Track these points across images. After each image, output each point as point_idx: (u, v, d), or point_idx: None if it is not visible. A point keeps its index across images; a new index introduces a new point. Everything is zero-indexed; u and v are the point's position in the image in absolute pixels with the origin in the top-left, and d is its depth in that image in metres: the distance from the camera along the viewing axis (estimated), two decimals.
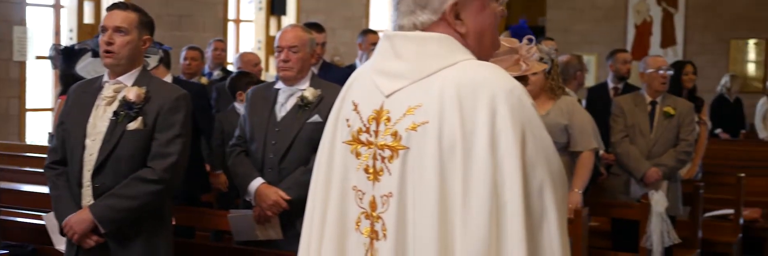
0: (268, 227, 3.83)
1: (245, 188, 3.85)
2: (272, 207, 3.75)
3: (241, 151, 3.97)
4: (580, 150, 4.51)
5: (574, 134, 4.50)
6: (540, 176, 1.80)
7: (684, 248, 5.18)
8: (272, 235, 3.83)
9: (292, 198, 3.72)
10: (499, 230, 1.76)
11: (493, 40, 1.96)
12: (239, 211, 4.00)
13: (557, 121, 4.49)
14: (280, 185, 3.78)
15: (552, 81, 4.53)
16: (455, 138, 1.79)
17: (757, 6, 13.16)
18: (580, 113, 4.56)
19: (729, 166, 7.12)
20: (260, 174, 3.84)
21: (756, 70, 13.29)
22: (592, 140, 4.54)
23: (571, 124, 4.49)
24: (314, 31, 5.08)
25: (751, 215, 6.27)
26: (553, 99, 4.55)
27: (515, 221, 1.76)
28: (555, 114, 4.51)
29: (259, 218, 3.82)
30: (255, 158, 3.90)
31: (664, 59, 5.55)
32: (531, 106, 1.83)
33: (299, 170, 3.78)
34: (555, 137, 4.45)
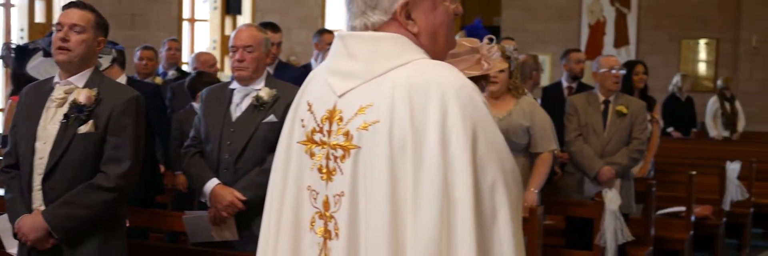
0: (224, 228, 3.81)
1: (200, 189, 3.83)
2: (228, 208, 3.73)
3: (196, 152, 3.95)
4: (541, 152, 4.55)
5: (535, 136, 4.54)
6: (492, 175, 1.80)
7: (637, 245, 5.24)
8: (228, 236, 3.81)
9: (248, 199, 3.71)
10: (449, 229, 1.77)
11: (447, 39, 1.97)
12: (194, 212, 3.97)
13: (519, 122, 4.52)
14: (236, 186, 3.76)
15: (516, 79, 4.57)
16: (406, 137, 1.79)
17: (708, 6, 13.37)
18: (540, 114, 4.60)
19: (680, 164, 7.22)
20: (215, 175, 3.82)
21: (707, 70, 13.49)
22: (552, 142, 4.58)
23: (532, 125, 4.53)
24: (269, 30, 5.07)
25: (702, 212, 6.36)
26: (515, 99, 4.58)
27: (465, 220, 1.77)
28: (517, 115, 4.54)
29: (215, 218, 3.79)
30: (210, 158, 3.87)
31: (616, 59, 5.62)
32: (482, 104, 1.84)
33: (255, 171, 3.76)
34: (517, 137, 4.50)
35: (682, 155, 8.28)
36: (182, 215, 3.99)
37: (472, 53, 3.66)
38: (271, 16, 10.46)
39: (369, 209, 1.82)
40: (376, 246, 1.80)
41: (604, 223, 4.68)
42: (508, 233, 1.81)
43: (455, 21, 2.01)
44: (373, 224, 1.81)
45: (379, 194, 1.80)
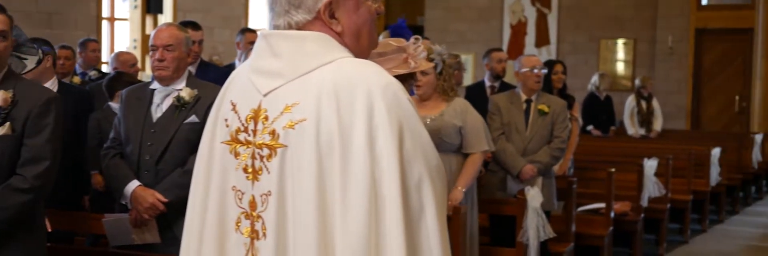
0: (145, 230, 3.75)
1: (121, 191, 3.76)
2: (149, 210, 3.68)
3: (117, 153, 3.88)
4: (474, 152, 4.59)
5: (468, 136, 4.58)
6: (418, 172, 1.81)
7: (558, 241, 5.32)
8: (149, 238, 3.75)
9: (170, 200, 3.66)
10: (378, 226, 1.78)
11: (370, 39, 1.98)
12: (115, 214, 3.90)
13: (452, 122, 4.55)
14: (157, 188, 3.70)
15: (444, 82, 4.59)
16: (333, 135, 1.80)
17: (626, 7, 13.67)
18: (472, 115, 4.64)
19: (600, 161, 7.36)
20: (136, 176, 3.76)
21: (625, 69, 13.79)
22: (484, 142, 4.63)
23: (465, 125, 4.57)
24: (190, 29, 5.01)
25: (621, 208, 6.48)
26: (446, 100, 4.61)
27: (394, 217, 1.78)
28: (449, 115, 4.57)
29: (136, 221, 3.73)
30: (131, 160, 3.81)
31: (537, 58, 5.70)
32: (408, 102, 1.85)
33: (177, 172, 3.71)
34: (449, 138, 4.53)
35: (601, 153, 8.45)
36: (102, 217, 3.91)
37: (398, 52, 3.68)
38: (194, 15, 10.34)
39: (297, 207, 1.82)
40: (305, 245, 1.79)
41: (526, 220, 4.74)
42: (435, 229, 1.82)
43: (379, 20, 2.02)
44: (301, 223, 1.81)
45: (306, 192, 1.80)
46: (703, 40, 13.21)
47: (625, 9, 13.68)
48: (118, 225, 3.80)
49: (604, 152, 8.63)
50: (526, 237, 4.74)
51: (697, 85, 13.28)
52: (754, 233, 8.18)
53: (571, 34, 14.06)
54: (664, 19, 13.33)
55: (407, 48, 3.69)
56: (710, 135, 11.62)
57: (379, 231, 1.78)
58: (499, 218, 5.22)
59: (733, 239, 7.82)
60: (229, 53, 10.88)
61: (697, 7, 13.19)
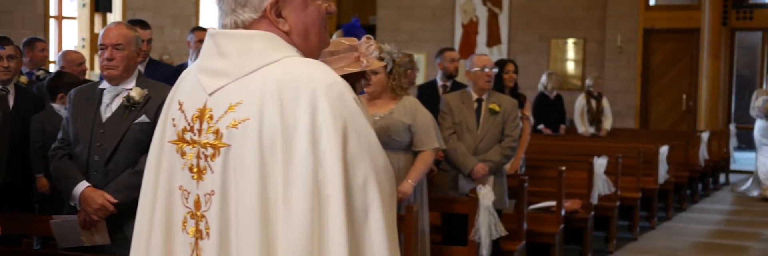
0: (94, 231, 3.70)
1: (69, 192, 3.71)
2: (98, 211, 3.63)
3: (65, 154, 3.82)
4: (424, 149, 4.61)
5: (418, 134, 4.60)
6: (363, 171, 1.81)
7: (510, 239, 5.36)
8: (98, 240, 3.71)
9: (120, 201, 3.62)
10: (320, 226, 1.77)
11: (319, 38, 1.97)
12: (63, 216, 3.84)
13: (401, 120, 4.57)
14: (107, 188, 3.66)
15: (393, 81, 4.61)
16: (275, 134, 1.79)
17: (575, 7, 13.82)
18: (422, 113, 4.66)
19: (551, 160, 7.43)
20: (85, 177, 3.71)
21: (575, 69, 13.94)
22: (435, 140, 4.65)
23: (414, 123, 4.59)
24: (139, 27, 4.95)
25: (572, 206, 6.55)
26: (395, 99, 4.63)
27: (336, 217, 1.77)
28: (399, 113, 4.59)
29: (85, 222, 3.68)
30: (79, 160, 3.76)
31: (488, 58, 5.73)
32: (353, 101, 1.84)
33: (126, 173, 3.67)
34: (399, 135, 4.54)
35: (552, 152, 8.53)
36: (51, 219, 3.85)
37: (350, 51, 3.70)
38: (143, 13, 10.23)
39: (239, 207, 1.81)
40: (247, 245, 1.79)
41: (478, 219, 4.77)
42: (381, 229, 1.81)
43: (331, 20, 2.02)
44: (243, 223, 1.80)
45: (249, 192, 1.80)
46: (651, 40, 13.40)
47: (575, 9, 13.83)
48: (66, 227, 3.75)
49: (554, 150, 8.72)
50: (478, 235, 4.77)
51: (646, 85, 13.47)
52: (701, 230, 8.32)
53: (522, 34, 14.17)
54: (613, 19, 13.50)
55: (359, 47, 3.70)
56: (658, 133, 11.80)
57: (322, 232, 1.77)
58: (451, 217, 5.24)
59: (680, 236, 7.94)
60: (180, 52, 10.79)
61: (645, 7, 13.38)
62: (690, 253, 7.19)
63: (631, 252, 7.21)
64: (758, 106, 10.14)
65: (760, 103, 10.12)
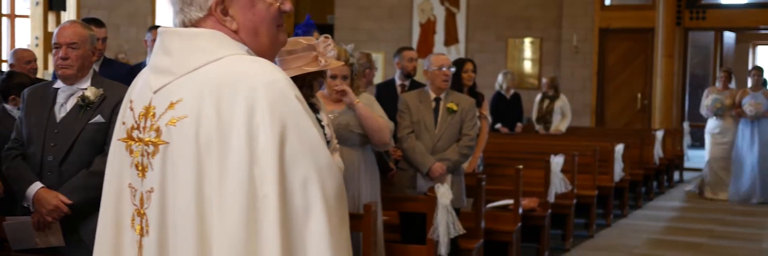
0: (49, 233, 3.65)
1: (23, 194, 3.66)
2: (52, 212, 3.58)
3: (18, 154, 3.76)
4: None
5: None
6: (303, 171, 1.79)
7: (468, 238, 5.38)
8: (53, 241, 3.66)
9: (74, 202, 3.57)
10: (256, 225, 1.76)
11: (270, 37, 1.95)
12: (16, 217, 3.78)
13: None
14: (61, 189, 3.61)
15: (358, 81, 4.64)
16: (211, 133, 1.79)
17: (532, 7, 13.93)
18: (378, 110, 4.68)
19: (508, 158, 7.47)
20: (39, 178, 3.65)
21: (532, 68, 14.05)
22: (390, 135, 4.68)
23: None
24: (94, 26, 4.90)
25: (529, 204, 6.59)
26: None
27: (272, 216, 1.76)
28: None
29: (38, 224, 3.63)
30: (33, 161, 3.70)
31: (446, 57, 5.75)
32: (295, 99, 1.82)
33: (82, 173, 3.62)
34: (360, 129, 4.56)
35: (509, 150, 8.58)
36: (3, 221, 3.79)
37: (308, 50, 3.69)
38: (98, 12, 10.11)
39: (176, 205, 1.82)
40: (184, 243, 1.79)
41: (436, 217, 4.78)
42: (323, 229, 1.79)
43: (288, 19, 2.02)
44: (180, 221, 1.81)
45: (185, 190, 1.80)
46: (607, 40, 13.55)
47: (531, 8, 13.93)
48: (20, 228, 3.69)
49: (512, 149, 8.77)
50: (436, 234, 4.79)
51: (601, 84, 13.62)
52: (656, 227, 8.43)
53: (479, 33, 14.25)
54: (569, 18, 13.63)
55: (317, 46, 3.70)
56: (614, 132, 11.93)
57: (257, 231, 1.76)
58: (410, 216, 5.25)
59: (636, 233, 8.04)
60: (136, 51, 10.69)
61: (601, 7, 13.52)
62: (645, 250, 7.28)
63: (587, 250, 7.28)
64: (708, 105, 10.15)
65: (709, 103, 10.12)
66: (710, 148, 10.42)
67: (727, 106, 10.06)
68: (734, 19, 13.00)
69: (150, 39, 6.46)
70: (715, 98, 10.10)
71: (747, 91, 10.01)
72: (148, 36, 6.54)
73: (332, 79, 4.55)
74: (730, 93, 10.12)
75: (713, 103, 10.09)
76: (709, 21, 13.02)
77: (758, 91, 9.93)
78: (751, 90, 9.98)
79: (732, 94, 10.10)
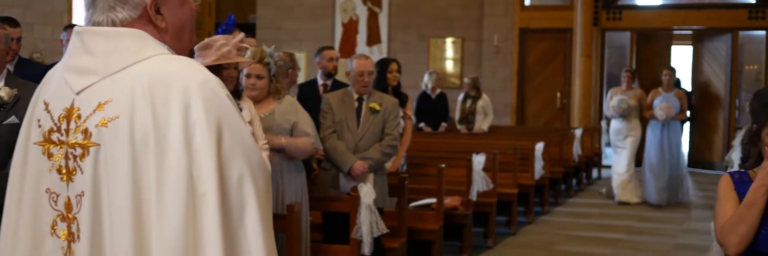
0: None
1: None
2: None
3: None
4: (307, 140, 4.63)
5: (299, 132, 4.62)
6: (238, 168, 1.80)
7: (391, 237, 5.40)
8: None
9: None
10: (196, 224, 1.76)
11: (191, 36, 1.98)
12: None
13: (284, 120, 4.57)
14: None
15: (276, 83, 4.63)
16: (148, 132, 1.77)
17: (454, 7, 14.05)
18: (302, 113, 4.70)
19: (431, 157, 7.52)
20: None
21: (453, 68, 14.17)
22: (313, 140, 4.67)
23: (297, 121, 4.61)
24: (8, 25, 4.77)
25: (452, 203, 6.65)
26: (276, 100, 4.64)
27: (212, 215, 1.76)
28: (280, 113, 4.60)
29: None
30: None
31: (367, 63, 5.54)
32: (226, 98, 1.83)
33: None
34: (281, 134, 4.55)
35: (432, 149, 8.64)
36: None
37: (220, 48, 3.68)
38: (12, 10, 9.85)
39: (112, 207, 1.78)
40: (122, 245, 1.76)
41: (359, 217, 4.80)
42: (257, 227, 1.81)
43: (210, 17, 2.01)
44: (116, 224, 1.77)
45: (121, 192, 1.77)
46: (527, 40, 13.75)
47: (453, 8, 14.06)
48: None
49: (435, 148, 8.84)
50: (360, 234, 4.80)
51: (522, 83, 13.82)
52: (575, 223, 8.58)
53: (401, 33, 14.32)
54: (490, 18, 13.79)
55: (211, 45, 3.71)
56: (534, 130, 12.12)
57: (197, 230, 1.76)
58: (333, 216, 5.25)
59: (556, 230, 8.18)
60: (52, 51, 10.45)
61: (521, 7, 13.71)
62: (566, 246, 7.42)
63: (509, 247, 7.38)
64: (613, 106, 9.84)
65: (616, 103, 9.82)
66: (616, 150, 10.14)
67: (632, 107, 9.80)
68: (649, 20, 13.32)
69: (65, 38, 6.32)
70: (621, 99, 9.80)
71: (659, 92, 9.83)
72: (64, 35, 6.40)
73: (247, 78, 4.54)
74: (634, 93, 9.88)
75: (619, 103, 9.77)
76: (625, 21, 13.33)
77: (670, 91, 9.78)
78: (664, 90, 9.81)
79: (636, 94, 9.86)
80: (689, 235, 8.01)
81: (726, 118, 13.00)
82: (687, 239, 7.82)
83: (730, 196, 2.95)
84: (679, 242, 7.72)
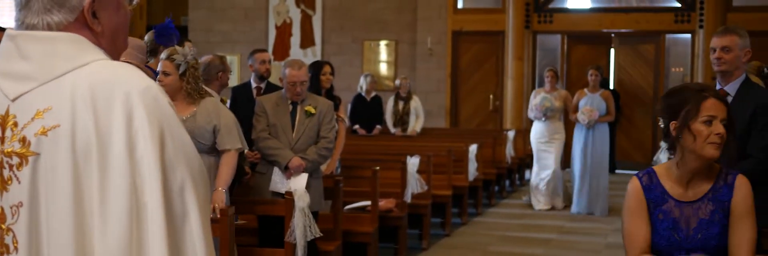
0: None
1: None
2: None
3: None
4: (228, 149, 4.58)
5: (222, 134, 4.57)
6: (180, 176, 1.78)
7: (326, 240, 5.40)
8: None
9: None
10: (139, 233, 1.73)
11: (125, 40, 1.94)
12: None
13: (204, 122, 4.52)
14: None
15: (188, 84, 4.54)
16: (90, 141, 1.73)
17: (387, 10, 14.11)
18: (225, 113, 4.65)
19: (365, 160, 7.54)
20: None
21: (388, 70, 14.22)
22: (237, 141, 4.63)
23: (219, 123, 4.56)
24: None
25: (386, 205, 6.67)
26: (192, 103, 4.57)
27: (156, 223, 1.73)
28: (202, 116, 4.55)
29: None
30: None
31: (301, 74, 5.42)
32: (168, 105, 1.81)
33: None
34: (203, 138, 4.50)
35: (367, 152, 8.65)
36: None
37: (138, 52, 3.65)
38: None
39: (51, 218, 1.73)
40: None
41: (294, 220, 4.79)
42: (200, 233, 1.79)
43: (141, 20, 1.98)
44: (56, 235, 1.73)
45: (62, 202, 1.72)
46: (460, 42, 13.87)
47: (386, 11, 14.11)
48: None
49: (369, 150, 8.85)
50: (294, 237, 4.79)
51: (455, 85, 13.93)
52: (509, 224, 8.68)
53: (335, 36, 14.32)
54: (423, 21, 13.87)
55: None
56: (468, 132, 12.23)
57: (141, 240, 1.73)
58: (267, 219, 5.23)
59: (490, 231, 8.26)
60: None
61: (454, 10, 13.83)
62: (500, 247, 7.50)
63: (444, 248, 7.43)
64: (536, 104, 9.36)
65: (538, 101, 9.35)
66: (539, 155, 9.62)
67: (557, 108, 9.36)
68: (579, 23, 13.55)
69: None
70: (544, 97, 9.37)
71: (584, 93, 9.31)
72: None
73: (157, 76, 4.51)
74: (558, 94, 9.44)
75: (542, 101, 9.31)
76: (556, 24, 13.53)
77: (596, 92, 9.26)
78: (589, 91, 9.30)
79: (561, 95, 9.45)
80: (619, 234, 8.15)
81: (653, 119, 13.29)
82: (618, 238, 7.96)
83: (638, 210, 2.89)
84: (610, 242, 7.87)
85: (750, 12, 12.76)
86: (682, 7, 13.09)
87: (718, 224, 2.83)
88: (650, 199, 2.90)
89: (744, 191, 2.86)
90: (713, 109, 2.77)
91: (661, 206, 2.87)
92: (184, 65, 4.50)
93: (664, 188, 2.90)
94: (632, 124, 13.50)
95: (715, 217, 2.84)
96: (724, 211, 2.84)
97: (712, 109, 2.77)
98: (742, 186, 2.86)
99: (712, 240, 2.82)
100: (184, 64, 4.50)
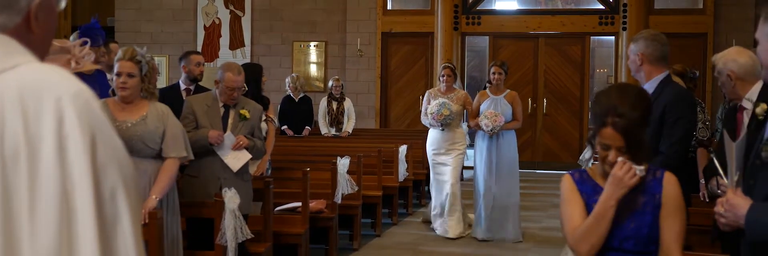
0: None
1: None
2: None
3: None
4: (173, 156, 4.54)
5: (167, 140, 4.52)
6: (112, 181, 1.77)
7: (257, 242, 5.40)
8: None
9: None
10: (70, 239, 1.72)
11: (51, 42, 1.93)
12: None
13: (154, 126, 4.48)
14: None
15: (149, 84, 4.54)
16: (19, 145, 1.71)
17: (317, 11, 14.11)
18: (172, 119, 4.61)
19: (296, 161, 7.54)
20: None
21: (317, 71, 14.22)
22: (183, 149, 4.59)
23: (167, 130, 4.52)
24: None
25: (317, 206, 6.68)
26: (146, 105, 4.54)
27: (87, 228, 1.73)
28: (152, 119, 4.51)
29: None
30: None
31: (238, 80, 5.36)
32: (99, 109, 1.80)
33: None
34: (153, 143, 4.47)
35: (297, 153, 8.66)
36: None
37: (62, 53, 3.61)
38: None
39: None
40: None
41: (224, 222, 4.78)
42: (131, 237, 1.79)
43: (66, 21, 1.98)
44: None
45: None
46: (389, 43, 13.95)
47: (316, 12, 14.11)
48: None
49: (300, 151, 8.86)
50: (225, 239, 4.78)
51: (385, 86, 14.00)
52: None
53: (264, 37, 14.27)
54: (353, 22, 13.91)
55: (72, 49, 3.62)
56: (397, 133, 12.30)
57: (72, 245, 1.72)
58: (197, 221, 5.20)
59: (420, 231, 8.33)
60: None
61: (383, 11, 13.89)
62: (430, 246, 7.57)
63: (375, 248, 7.47)
64: (432, 113, 7.80)
65: (435, 109, 7.78)
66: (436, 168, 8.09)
67: (456, 113, 7.85)
68: (506, 25, 13.74)
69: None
70: (442, 103, 7.79)
71: (486, 94, 7.90)
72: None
73: (118, 77, 4.46)
74: (456, 96, 7.98)
75: (440, 109, 7.74)
76: (484, 26, 13.70)
77: (500, 94, 7.86)
78: (492, 93, 7.88)
79: (459, 97, 7.97)
80: (546, 232, 8.32)
81: (579, 119, 13.55)
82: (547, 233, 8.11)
83: (573, 198, 2.98)
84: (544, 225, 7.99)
85: (670, 15, 13.12)
86: (606, 9, 13.38)
87: (650, 214, 2.92)
88: (583, 191, 2.99)
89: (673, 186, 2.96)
90: (609, 138, 2.86)
91: (593, 196, 2.96)
92: (146, 66, 4.48)
93: (595, 181, 3.00)
94: (558, 124, 13.74)
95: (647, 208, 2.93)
96: (655, 202, 2.94)
97: (607, 138, 2.87)
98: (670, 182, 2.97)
99: (644, 228, 2.91)
100: (146, 65, 4.48)
